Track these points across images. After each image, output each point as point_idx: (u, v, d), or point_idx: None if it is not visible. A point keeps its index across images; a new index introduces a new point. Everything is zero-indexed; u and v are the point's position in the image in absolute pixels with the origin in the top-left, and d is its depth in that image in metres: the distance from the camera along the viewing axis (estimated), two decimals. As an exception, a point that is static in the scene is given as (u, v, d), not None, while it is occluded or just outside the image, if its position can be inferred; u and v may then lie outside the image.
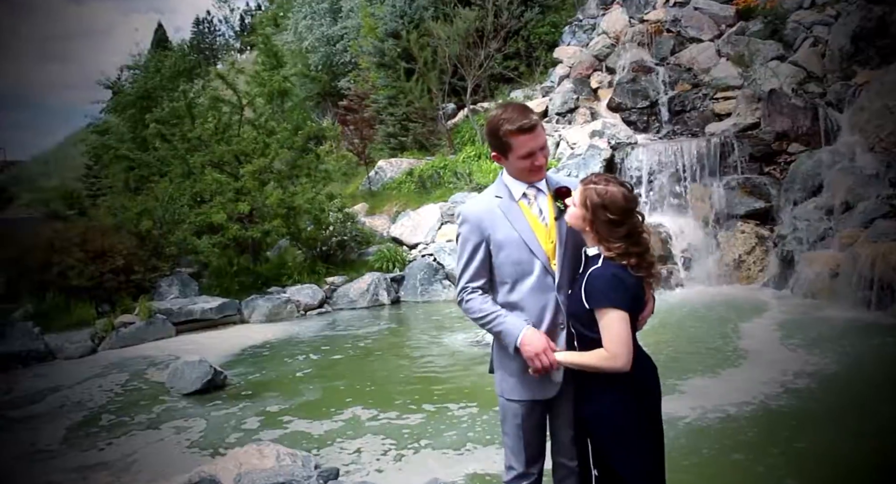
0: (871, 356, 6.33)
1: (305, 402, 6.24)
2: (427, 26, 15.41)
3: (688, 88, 12.79)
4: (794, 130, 10.50)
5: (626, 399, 2.59)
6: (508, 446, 2.86)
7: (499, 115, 2.75)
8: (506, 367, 2.81)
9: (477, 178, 12.57)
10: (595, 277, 2.59)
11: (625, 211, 2.58)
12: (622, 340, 2.51)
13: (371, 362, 7.64)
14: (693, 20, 13.77)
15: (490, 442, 4.87)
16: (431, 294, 10.90)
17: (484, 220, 2.77)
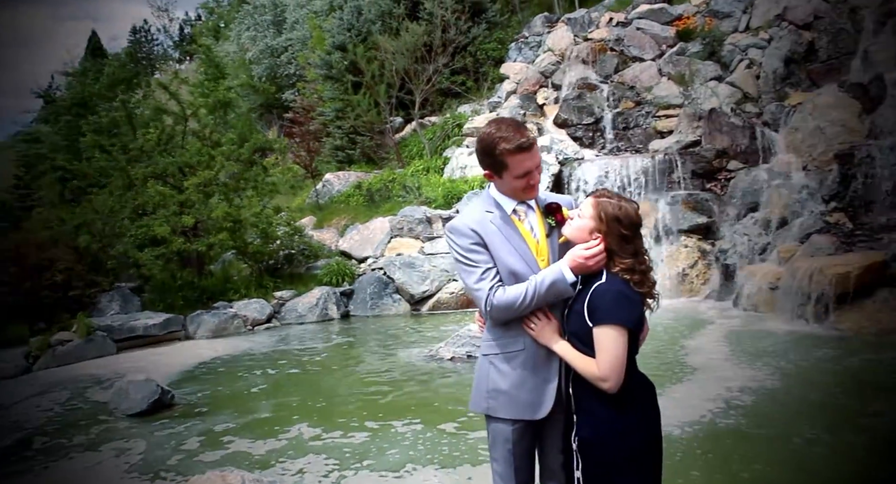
0: (812, 370, 6.49)
1: (252, 420, 6.08)
2: (375, 40, 15.42)
3: (631, 106, 13.13)
4: (734, 148, 10.90)
5: (630, 422, 2.53)
6: (498, 472, 2.75)
7: (493, 134, 2.64)
8: (496, 381, 2.71)
9: (426, 192, 12.58)
10: (600, 294, 2.53)
11: (636, 227, 2.58)
12: (616, 363, 2.46)
13: (321, 378, 7.51)
14: (635, 40, 14.17)
15: (430, 462, 4.79)
16: (382, 308, 10.84)
17: (480, 232, 2.69)
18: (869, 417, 5.12)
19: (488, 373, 2.76)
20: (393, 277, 11.04)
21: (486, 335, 2.82)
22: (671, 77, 13.10)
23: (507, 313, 2.65)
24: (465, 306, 10.64)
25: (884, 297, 7.59)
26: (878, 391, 5.71)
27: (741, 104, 11.68)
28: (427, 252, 11.29)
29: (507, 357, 2.71)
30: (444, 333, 8.86)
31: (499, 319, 2.71)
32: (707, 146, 11.15)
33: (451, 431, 5.40)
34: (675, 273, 10.19)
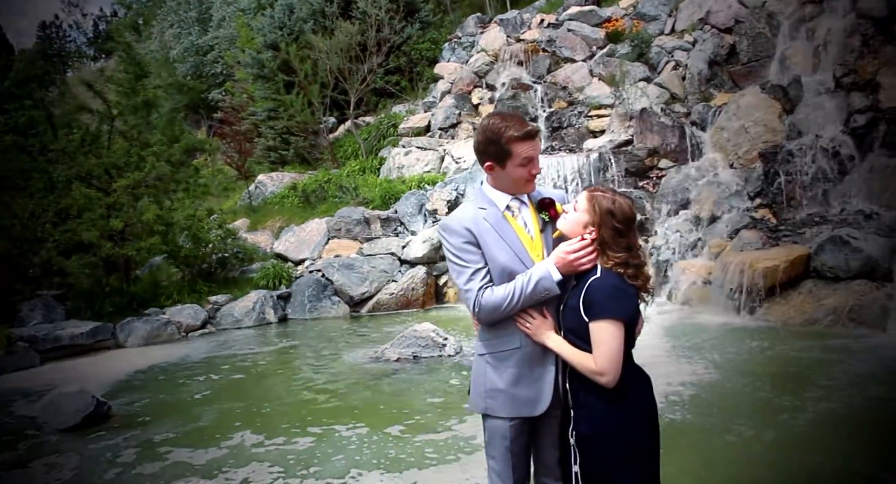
0: (746, 360, 6.75)
1: (193, 429, 5.89)
2: (307, 38, 15.19)
3: (564, 106, 13.37)
4: (664, 147, 11.24)
5: (629, 416, 2.53)
6: (495, 470, 2.75)
7: (499, 123, 2.65)
8: (493, 381, 2.71)
9: (363, 193, 12.48)
10: (595, 289, 2.53)
11: (630, 221, 2.59)
12: (613, 357, 2.47)
13: (263, 384, 7.33)
14: (566, 41, 14.44)
15: (375, 466, 4.73)
16: (321, 311, 10.68)
17: (473, 231, 2.67)
18: (790, 411, 5.32)
19: (485, 372, 2.74)
20: (332, 279, 10.90)
21: (482, 335, 2.80)
22: (602, 78, 13.42)
23: (494, 314, 2.64)
24: (405, 307, 10.61)
25: (808, 288, 7.98)
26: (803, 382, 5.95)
27: (670, 104, 12.07)
28: (366, 253, 11.20)
29: (503, 356, 2.70)
30: (387, 334, 8.81)
31: (487, 321, 2.70)
32: (639, 145, 11.46)
33: (396, 434, 5.37)
34: (611, 269, 10.42)
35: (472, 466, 4.61)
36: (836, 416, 5.11)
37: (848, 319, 7.41)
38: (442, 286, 10.94)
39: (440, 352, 7.56)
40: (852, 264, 7.65)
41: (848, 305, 7.43)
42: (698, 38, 12.96)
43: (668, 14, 14.19)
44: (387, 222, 11.63)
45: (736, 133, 10.60)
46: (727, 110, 10.94)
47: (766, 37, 12.02)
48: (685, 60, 12.79)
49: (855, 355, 6.56)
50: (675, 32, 13.84)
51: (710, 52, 12.41)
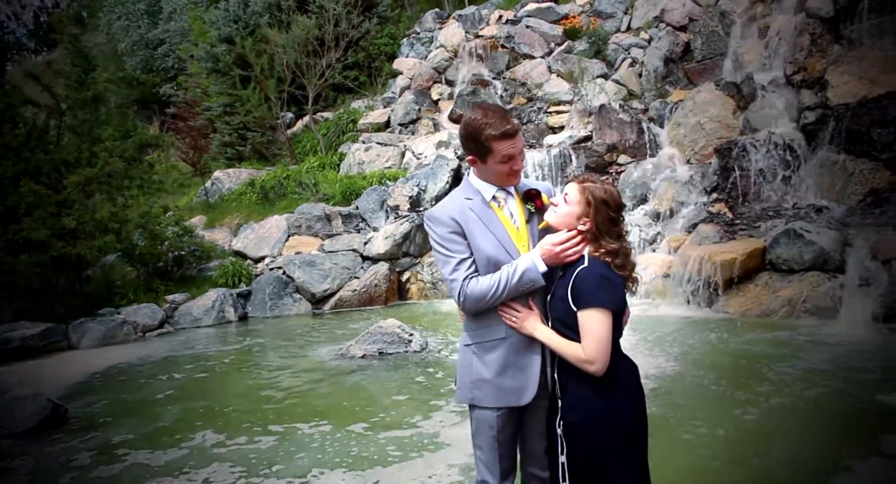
0: (706, 353, 6.88)
1: (152, 429, 5.75)
2: (263, 33, 14.95)
3: (524, 102, 13.45)
4: (623, 143, 11.41)
5: (617, 405, 2.55)
6: (482, 460, 2.76)
7: (479, 119, 2.66)
8: (480, 371, 2.72)
9: (323, 189, 12.35)
10: (583, 278, 2.54)
11: (622, 208, 2.62)
12: (601, 345, 2.47)
13: (225, 382, 7.22)
14: (525, 37, 14.53)
15: (338, 465, 4.68)
16: (282, 308, 10.55)
17: (459, 221, 2.68)
18: (745, 405, 5.45)
19: (471, 363, 2.75)
20: (293, 277, 10.77)
21: (467, 325, 2.81)
22: (560, 74, 13.54)
23: (479, 304, 2.65)
24: (368, 304, 10.56)
25: (764, 280, 8.20)
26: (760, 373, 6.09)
27: (628, 101, 12.25)
28: (327, 250, 11.09)
29: (489, 346, 2.71)
30: (352, 330, 8.74)
31: (471, 311, 2.71)
32: (598, 141, 11.61)
33: (360, 431, 5.32)
34: (572, 264, 10.53)
35: (435, 463, 4.60)
36: (790, 407, 5.24)
37: (802, 309, 7.65)
38: (405, 282, 10.91)
39: (406, 348, 7.54)
40: (806, 257, 7.88)
41: (802, 296, 7.66)
42: (654, 35, 13.19)
43: (624, 12, 14.41)
44: (348, 219, 11.54)
45: (692, 129, 10.82)
46: (683, 107, 11.16)
47: (719, 35, 12.30)
48: (642, 58, 13.00)
49: (809, 346, 6.76)
50: (631, 30, 14.06)
51: (666, 49, 12.64)
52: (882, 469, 4.06)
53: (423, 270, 10.86)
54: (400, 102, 14.22)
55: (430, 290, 10.71)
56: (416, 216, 10.96)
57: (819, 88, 10.19)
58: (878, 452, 4.29)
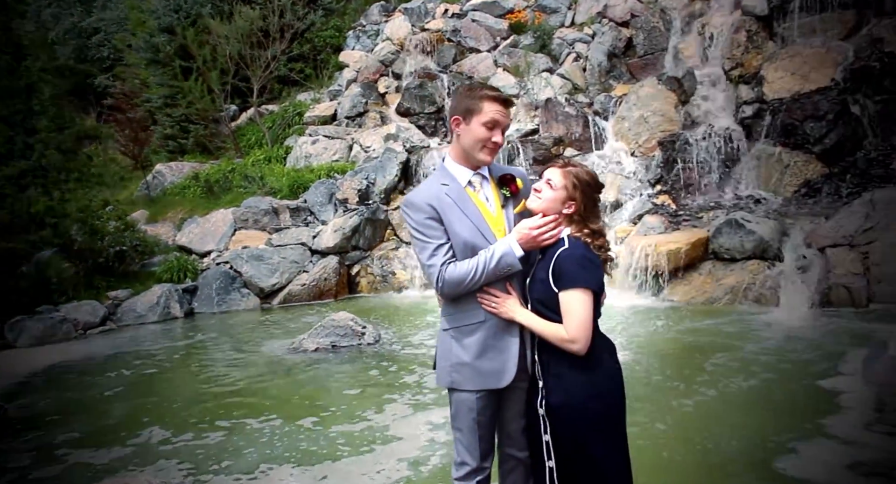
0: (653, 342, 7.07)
1: (97, 428, 5.62)
2: (205, 23, 14.61)
3: (471, 96, 13.50)
4: (569, 136, 11.59)
5: (600, 384, 2.59)
6: (462, 442, 2.78)
7: (473, 84, 2.79)
8: (459, 355, 2.73)
9: (270, 182, 12.18)
10: (564, 259, 2.58)
11: (602, 189, 2.71)
12: (584, 324, 2.52)
13: (173, 379, 7.08)
14: (471, 31, 14.60)
15: (287, 460, 4.65)
16: (230, 303, 10.37)
17: (436, 207, 2.69)
18: (688, 393, 5.61)
19: (450, 347, 2.77)
20: (240, 271, 10.60)
21: (445, 310, 2.83)
22: (506, 68, 13.65)
23: (457, 289, 2.67)
24: (318, 298, 10.47)
25: (708, 269, 8.48)
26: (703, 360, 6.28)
27: (573, 95, 12.44)
28: (275, 244, 10.95)
29: (468, 330, 2.73)
30: (304, 324, 8.68)
31: (450, 295, 2.73)
32: (545, 134, 11.76)
33: (310, 426, 5.29)
34: (521, 255, 10.66)
35: (385, 457, 4.60)
36: (735, 393, 5.42)
37: (744, 296, 7.94)
38: (355, 276, 10.86)
39: (359, 341, 7.53)
40: (747, 246, 8.18)
41: (744, 284, 7.95)
42: (597, 31, 13.41)
43: (568, 7, 14.60)
44: (296, 212, 11.42)
45: (636, 123, 11.07)
46: (627, 101, 11.41)
47: (660, 31, 12.60)
48: (586, 52, 13.21)
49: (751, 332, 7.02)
50: (575, 25, 14.26)
51: (609, 44, 12.88)
52: (826, 450, 4.23)
53: (372, 263, 10.83)
54: (346, 95, 14.11)
55: (381, 283, 10.69)
56: (366, 209, 10.91)
57: (756, 84, 10.57)
58: (822, 433, 4.47)
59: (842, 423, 4.62)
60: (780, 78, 10.27)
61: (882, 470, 3.90)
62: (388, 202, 11.35)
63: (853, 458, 4.08)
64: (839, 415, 4.76)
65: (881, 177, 9.12)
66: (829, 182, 9.43)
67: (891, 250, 7.53)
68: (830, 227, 8.08)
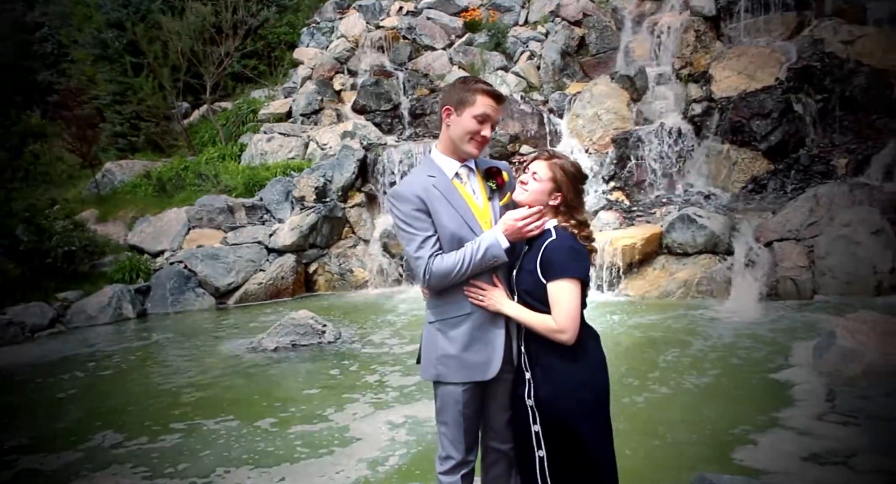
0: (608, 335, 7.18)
1: (46, 433, 5.49)
2: (156, 18, 14.31)
3: (426, 93, 13.53)
4: (524, 133, 11.71)
5: (588, 373, 2.63)
6: (447, 436, 2.78)
7: (469, 78, 2.81)
8: (445, 347, 2.74)
9: (225, 180, 12.01)
10: (553, 250, 2.61)
11: (586, 180, 2.74)
12: (572, 314, 2.55)
13: (127, 380, 6.95)
14: (426, 29, 14.61)
15: (245, 462, 4.61)
16: (184, 304, 10.21)
17: (424, 198, 2.70)
18: (641, 389, 5.77)
19: (436, 340, 2.78)
20: (195, 271, 10.43)
21: (431, 302, 2.83)
22: (462, 66, 13.70)
23: (444, 281, 2.68)
24: (275, 296, 10.38)
25: (662, 264, 8.69)
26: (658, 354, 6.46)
27: (528, 93, 12.57)
28: (231, 242, 10.81)
29: (454, 322, 2.74)
30: (263, 323, 8.60)
31: (436, 287, 2.73)
32: (501, 132, 11.85)
33: (268, 427, 5.26)
34: (479, 252, 10.74)
35: (344, 458, 4.59)
36: (691, 387, 5.57)
37: (697, 290, 8.17)
38: (312, 274, 10.79)
39: (320, 339, 7.51)
40: (698, 240, 8.42)
41: (696, 278, 8.18)
42: (550, 29, 13.58)
43: (522, 6, 14.73)
44: (252, 210, 11.28)
45: (590, 120, 11.26)
46: (581, 98, 11.59)
47: (612, 30, 12.84)
48: (539, 51, 13.35)
49: (704, 325, 7.24)
50: (528, 24, 14.40)
51: (562, 43, 13.05)
52: (782, 441, 4.37)
53: (330, 261, 10.79)
54: (302, 92, 13.98)
55: (339, 281, 10.65)
56: (323, 207, 10.85)
57: (704, 82, 10.86)
58: (778, 425, 4.62)
59: (796, 414, 4.76)
60: (727, 77, 10.58)
61: (838, 460, 4.03)
62: (346, 200, 11.31)
63: (809, 449, 4.21)
64: (793, 407, 4.91)
65: (822, 173, 9.49)
66: (775, 178, 9.76)
67: (834, 244, 7.84)
68: (777, 221, 8.37)
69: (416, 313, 8.84)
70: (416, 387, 5.99)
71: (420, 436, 4.91)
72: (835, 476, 3.88)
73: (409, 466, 4.44)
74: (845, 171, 9.33)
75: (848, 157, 9.43)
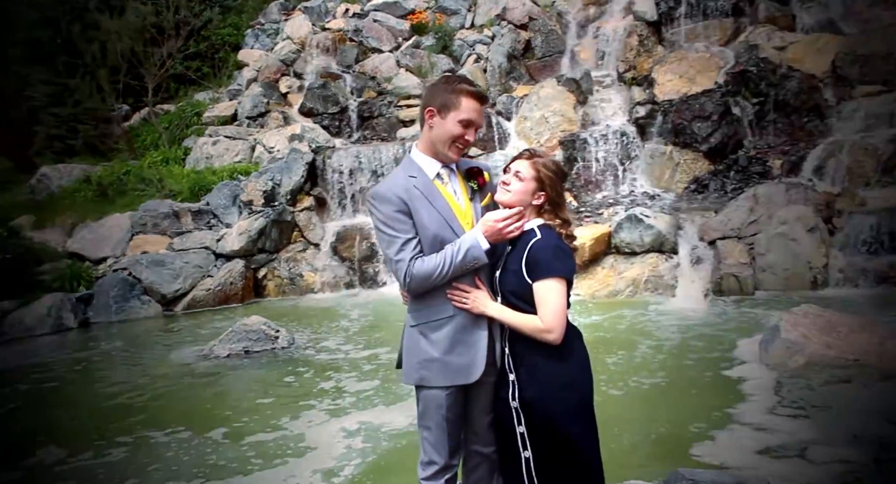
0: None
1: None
2: (93, 17, 13.87)
3: (374, 96, 13.51)
4: (473, 136, 11.79)
5: (574, 372, 2.63)
6: (430, 441, 2.74)
7: (452, 78, 2.76)
8: (427, 351, 2.70)
9: (170, 185, 11.73)
10: (538, 249, 2.60)
11: (567, 177, 2.74)
12: (559, 314, 2.54)
13: (69, 393, 6.73)
14: (373, 31, 14.58)
15: (195, 476, 4.50)
16: (129, 312, 9.94)
17: (405, 199, 2.66)
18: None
19: (418, 343, 2.73)
20: (140, 278, 10.17)
21: (413, 306, 2.79)
22: (409, 69, 13.73)
23: (425, 284, 2.65)
24: (224, 302, 10.19)
25: (610, 263, 8.88)
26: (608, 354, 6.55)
27: (477, 95, 12.65)
28: (177, 248, 10.57)
29: (436, 325, 2.71)
30: (214, 330, 8.45)
31: (417, 291, 2.70)
32: (450, 134, 11.91)
33: (219, 438, 5.16)
34: (430, 254, 10.77)
35: (299, 469, 4.54)
36: (647, 386, 5.69)
37: (645, 288, 8.39)
38: (261, 279, 10.64)
39: (273, 345, 7.43)
40: (646, 240, 8.64)
41: (644, 276, 8.40)
42: (496, 33, 13.72)
43: (468, 9, 14.85)
44: (198, 215, 11.05)
45: (537, 123, 11.42)
46: (528, 101, 11.75)
47: (557, 34, 13.05)
48: (486, 54, 13.48)
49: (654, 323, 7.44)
50: (475, 27, 14.52)
51: (509, 46, 13.21)
52: (739, 436, 4.51)
53: (280, 266, 10.66)
54: (247, 95, 13.77)
55: (289, 286, 10.53)
56: (272, 211, 10.72)
57: (647, 85, 11.15)
58: (734, 420, 4.76)
59: (749, 409, 4.91)
60: (669, 80, 10.88)
61: (791, 453, 4.17)
62: (295, 203, 11.18)
63: (763, 443, 4.34)
64: (745, 402, 5.06)
65: (760, 173, 9.86)
66: (716, 179, 10.10)
67: (773, 241, 8.17)
68: (719, 220, 8.65)
69: (369, 318, 8.83)
70: (373, 392, 5.99)
71: (376, 443, 4.87)
72: (792, 468, 3.99)
73: (365, 476, 4.40)
74: (780, 172, 9.72)
75: (783, 158, 9.82)
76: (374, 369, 6.64)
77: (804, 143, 9.83)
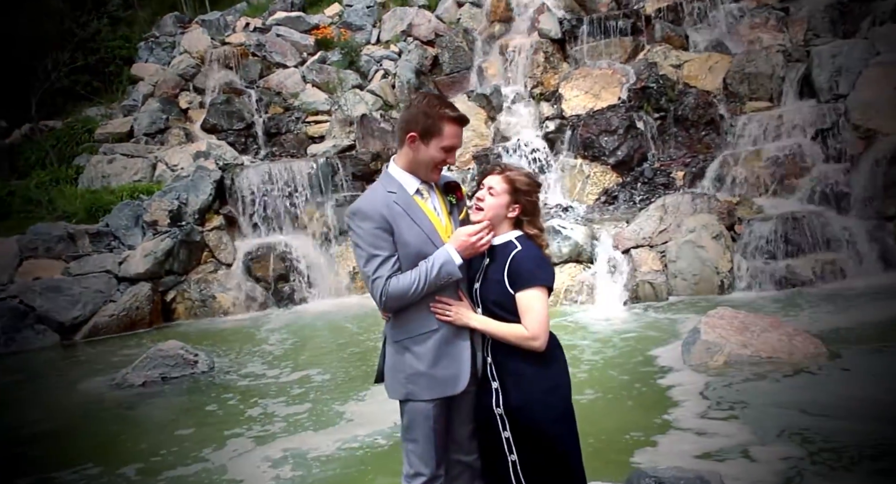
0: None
1: None
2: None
3: (280, 111, 13.23)
4: (386, 151, 11.72)
5: (557, 378, 2.71)
6: (416, 453, 2.73)
7: (436, 101, 2.72)
8: (413, 365, 2.70)
9: (62, 206, 10.98)
10: (521, 260, 2.65)
11: (540, 188, 2.79)
12: (543, 321, 2.61)
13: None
14: (276, 46, 14.31)
15: None
16: (22, 343, 9.22)
17: (386, 215, 2.64)
18: None
19: (403, 357, 2.72)
20: (33, 305, 9.43)
21: (394, 321, 2.76)
22: (316, 84, 13.54)
23: (400, 302, 2.65)
24: (130, 328, 9.62)
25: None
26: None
27: (387, 111, 12.63)
28: (74, 273, 9.89)
29: (420, 339, 2.70)
30: (125, 357, 7.94)
31: (393, 309, 2.69)
32: (362, 150, 11.83)
33: (132, 475, 4.82)
34: (346, 272, 10.61)
35: None
36: (585, 397, 5.67)
37: (566, 298, 8.56)
38: (170, 302, 10.10)
39: (192, 370, 7.06)
40: (564, 250, 8.82)
41: (564, 286, 8.56)
42: (403, 48, 13.78)
43: (373, 25, 14.82)
44: (97, 237, 10.38)
45: (449, 138, 11.48)
46: (441, 117, 11.80)
47: (464, 50, 13.23)
48: (394, 69, 13.50)
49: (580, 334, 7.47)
50: (381, 43, 14.51)
51: (416, 62, 13.29)
52: (680, 440, 4.61)
53: (190, 287, 10.17)
54: (144, 111, 13.13)
55: (200, 308, 10.06)
56: (179, 231, 10.22)
57: (555, 101, 11.47)
58: (672, 426, 4.84)
59: (682, 415, 4.99)
60: (575, 96, 11.24)
61: (731, 456, 4.27)
62: (204, 223, 10.71)
63: (701, 447, 4.44)
64: (678, 407, 5.15)
65: (665, 184, 10.34)
66: (624, 190, 10.49)
67: (682, 249, 8.54)
68: (632, 230, 8.98)
69: (291, 340, 8.54)
70: (306, 416, 5.77)
71: (307, 471, 4.65)
72: (738, 469, 4.08)
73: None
74: (683, 183, 10.22)
75: (685, 169, 10.34)
76: (303, 393, 6.42)
77: (703, 155, 10.37)
